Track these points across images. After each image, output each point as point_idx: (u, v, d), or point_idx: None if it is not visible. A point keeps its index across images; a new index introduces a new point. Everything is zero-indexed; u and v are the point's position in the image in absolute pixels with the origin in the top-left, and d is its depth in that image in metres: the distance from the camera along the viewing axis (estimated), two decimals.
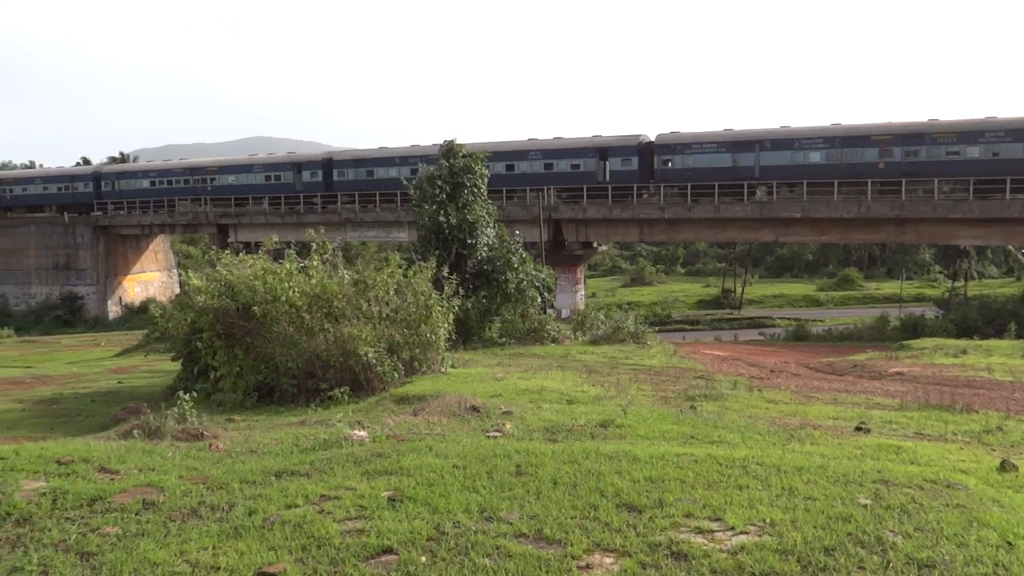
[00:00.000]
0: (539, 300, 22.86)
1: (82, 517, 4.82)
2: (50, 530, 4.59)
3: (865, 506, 4.83)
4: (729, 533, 4.44)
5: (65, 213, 58.93)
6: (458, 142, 23.22)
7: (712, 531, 4.46)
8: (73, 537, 4.47)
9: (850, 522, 4.54)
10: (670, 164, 40.93)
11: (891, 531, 4.43)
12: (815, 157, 37.69)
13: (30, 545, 4.38)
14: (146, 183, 58.13)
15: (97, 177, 60.52)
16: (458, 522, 4.59)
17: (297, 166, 52.02)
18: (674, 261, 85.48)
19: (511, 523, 4.58)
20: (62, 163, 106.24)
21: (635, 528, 4.51)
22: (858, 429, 8.53)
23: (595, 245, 45.98)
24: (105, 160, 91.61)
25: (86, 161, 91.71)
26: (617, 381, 13.05)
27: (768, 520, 4.59)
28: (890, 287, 64.54)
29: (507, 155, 44.29)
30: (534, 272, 22.75)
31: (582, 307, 37.05)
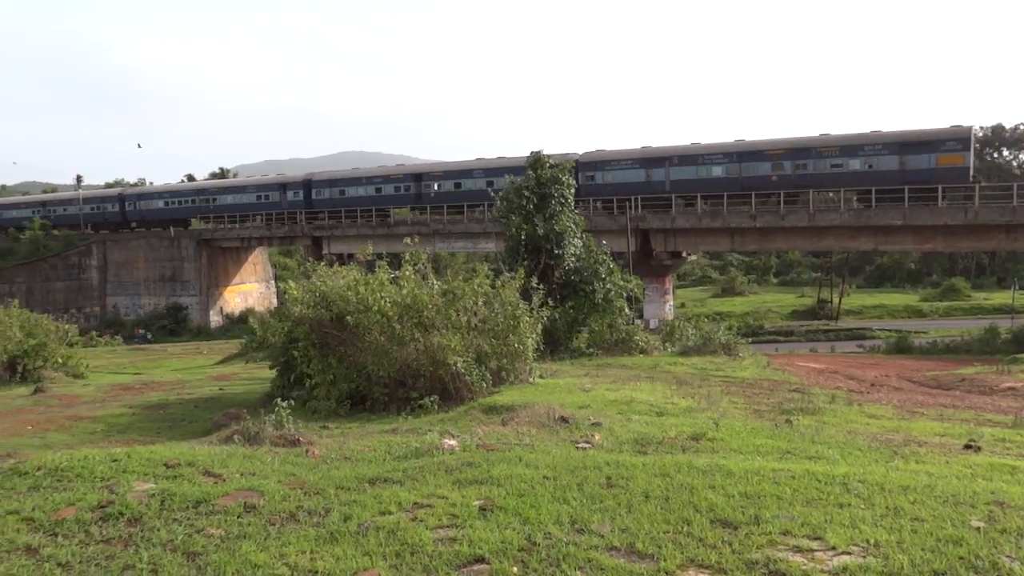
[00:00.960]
0: (627, 310, 22.63)
1: (188, 518, 5.02)
2: (159, 530, 4.79)
3: (978, 529, 4.57)
4: (830, 553, 4.27)
5: (171, 227, 62.16)
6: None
7: (812, 550, 4.30)
8: (180, 537, 4.66)
9: (962, 545, 4.30)
10: (593, 179, 45.38)
11: (1008, 556, 4.17)
12: (717, 171, 41.88)
13: (141, 544, 4.59)
14: (161, 203, 66.09)
15: (122, 199, 68.31)
16: (549, 533, 4.57)
17: (282, 187, 59.11)
18: (766, 271, 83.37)
19: (603, 536, 4.53)
20: (170, 179, 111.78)
21: (730, 545, 4.39)
22: (967, 447, 8.09)
23: (684, 255, 45.34)
24: (207, 176, 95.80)
25: (190, 178, 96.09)
26: (708, 393, 12.78)
27: (872, 541, 4.39)
28: (1001, 297, 61.16)
29: (456, 174, 50.67)
30: (622, 282, 22.55)
31: (671, 317, 36.52)
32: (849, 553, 4.25)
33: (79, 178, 73.51)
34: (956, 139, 36.32)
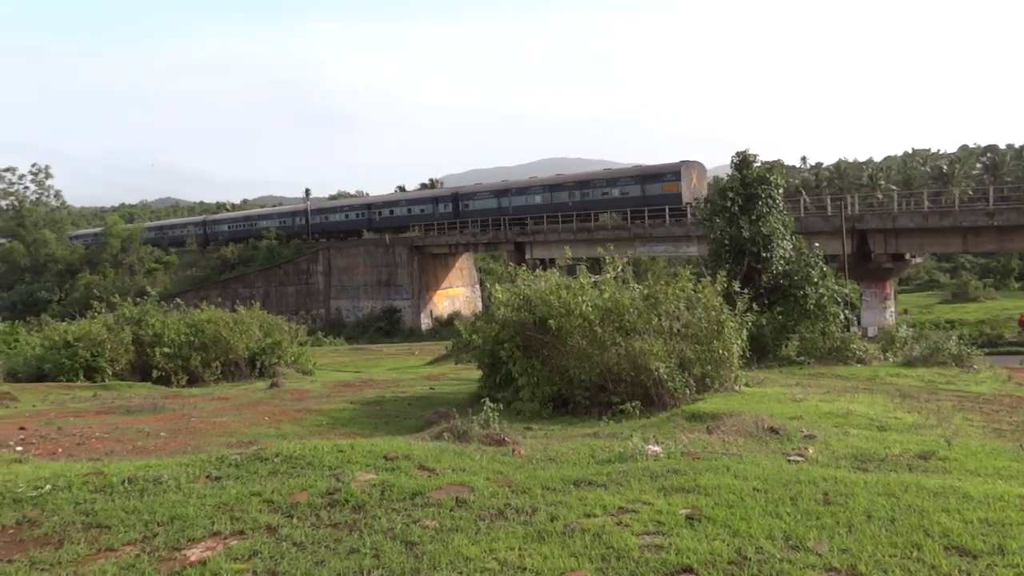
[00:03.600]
0: (842, 317, 21.22)
1: (405, 509, 5.31)
2: (380, 518, 5.11)
3: None
4: None
5: (386, 235, 66.40)
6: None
7: None
8: (399, 526, 4.93)
9: None
10: (468, 206, 61.90)
11: None
12: (538, 199, 57.03)
13: (364, 530, 4.91)
14: (225, 227, 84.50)
15: (204, 224, 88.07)
16: (761, 548, 4.38)
17: (293, 215, 77.59)
18: (1006, 274, 74.83)
19: (820, 555, 4.26)
20: (383, 190, 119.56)
21: (969, 575, 3.98)
22: None
23: (907, 257, 41.78)
24: (417, 187, 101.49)
25: (401, 189, 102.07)
26: (937, 408, 11.70)
27: None
28: None
29: (391, 204, 70.04)
30: (836, 287, 21.20)
31: (892, 325, 33.83)
32: None
33: (308, 191, 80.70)
34: (672, 172, 48.88)
